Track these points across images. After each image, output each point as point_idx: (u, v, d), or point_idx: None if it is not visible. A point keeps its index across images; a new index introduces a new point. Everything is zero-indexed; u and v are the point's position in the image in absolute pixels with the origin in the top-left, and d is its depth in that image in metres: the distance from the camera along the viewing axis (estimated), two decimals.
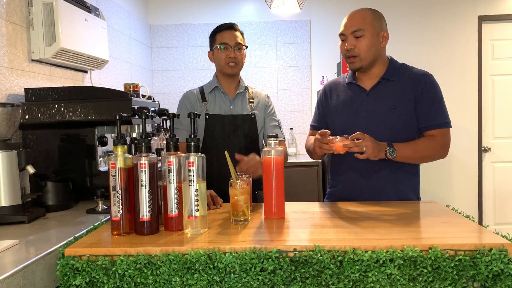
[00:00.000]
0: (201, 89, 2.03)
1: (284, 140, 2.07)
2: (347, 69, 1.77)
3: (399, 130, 1.65)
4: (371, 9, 1.68)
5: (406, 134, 1.66)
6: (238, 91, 2.00)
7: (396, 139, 1.64)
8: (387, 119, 1.66)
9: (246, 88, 2.05)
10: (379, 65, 1.70)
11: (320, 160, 3.46)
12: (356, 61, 1.66)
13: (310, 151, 1.81)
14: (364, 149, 1.50)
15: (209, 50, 2.03)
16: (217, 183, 1.77)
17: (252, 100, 2.02)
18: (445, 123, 1.65)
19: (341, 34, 1.69)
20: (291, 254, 1.08)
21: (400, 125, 1.65)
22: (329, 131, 1.54)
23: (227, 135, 1.94)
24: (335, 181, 1.82)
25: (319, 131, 1.56)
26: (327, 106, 1.82)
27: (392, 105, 1.66)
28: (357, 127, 1.68)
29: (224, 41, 1.93)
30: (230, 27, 1.96)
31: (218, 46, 1.94)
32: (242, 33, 2.00)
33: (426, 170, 2.79)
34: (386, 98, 1.67)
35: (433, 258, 1.06)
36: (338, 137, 1.54)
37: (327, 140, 1.53)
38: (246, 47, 2.00)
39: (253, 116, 1.99)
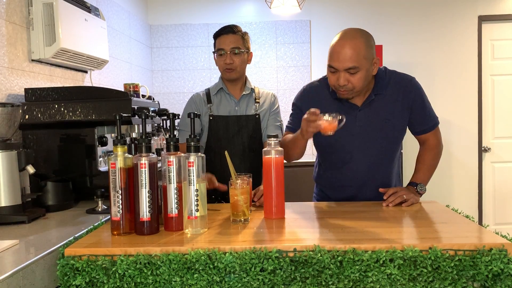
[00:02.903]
0: (207, 91, 2.01)
1: None
2: (337, 96, 1.63)
3: (392, 140, 1.70)
4: (363, 36, 1.53)
5: (398, 143, 1.73)
6: (244, 93, 1.98)
7: (389, 149, 1.70)
8: (381, 132, 1.66)
9: (253, 89, 2.01)
10: (367, 85, 1.61)
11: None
12: (348, 93, 1.57)
13: (287, 146, 1.63)
14: (405, 197, 1.57)
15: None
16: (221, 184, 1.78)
17: (258, 100, 1.99)
18: (435, 123, 1.72)
19: (330, 67, 1.54)
20: (291, 254, 1.08)
21: (394, 135, 1.69)
22: (318, 110, 1.41)
23: (230, 135, 1.93)
24: (319, 179, 1.84)
25: (309, 110, 1.43)
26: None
27: (385, 118, 1.65)
28: (351, 143, 1.66)
29: (220, 46, 1.91)
30: (228, 31, 1.91)
31: (216, 51, 1.93)
32: (243, 35, 1.94)
33: None
34: (379, 111, 1.65)
35: (433, 258, 1.06)
36: (326, 114, 1.41)
37: (315, 117, 1.40)
38: (247, 50, 1.94)
39: (257, 116, 1.96)
